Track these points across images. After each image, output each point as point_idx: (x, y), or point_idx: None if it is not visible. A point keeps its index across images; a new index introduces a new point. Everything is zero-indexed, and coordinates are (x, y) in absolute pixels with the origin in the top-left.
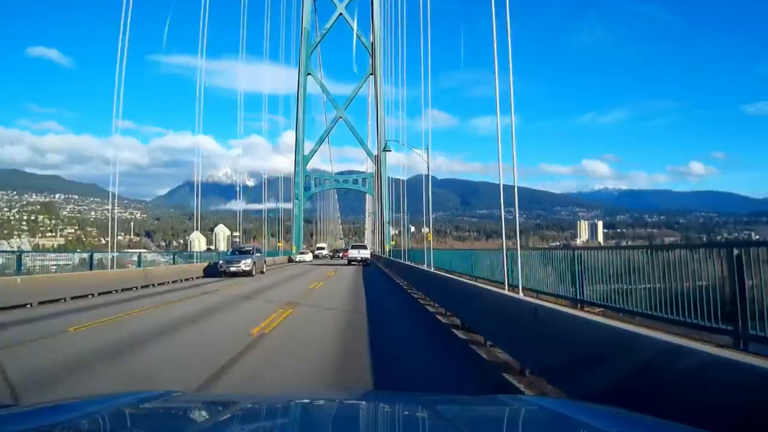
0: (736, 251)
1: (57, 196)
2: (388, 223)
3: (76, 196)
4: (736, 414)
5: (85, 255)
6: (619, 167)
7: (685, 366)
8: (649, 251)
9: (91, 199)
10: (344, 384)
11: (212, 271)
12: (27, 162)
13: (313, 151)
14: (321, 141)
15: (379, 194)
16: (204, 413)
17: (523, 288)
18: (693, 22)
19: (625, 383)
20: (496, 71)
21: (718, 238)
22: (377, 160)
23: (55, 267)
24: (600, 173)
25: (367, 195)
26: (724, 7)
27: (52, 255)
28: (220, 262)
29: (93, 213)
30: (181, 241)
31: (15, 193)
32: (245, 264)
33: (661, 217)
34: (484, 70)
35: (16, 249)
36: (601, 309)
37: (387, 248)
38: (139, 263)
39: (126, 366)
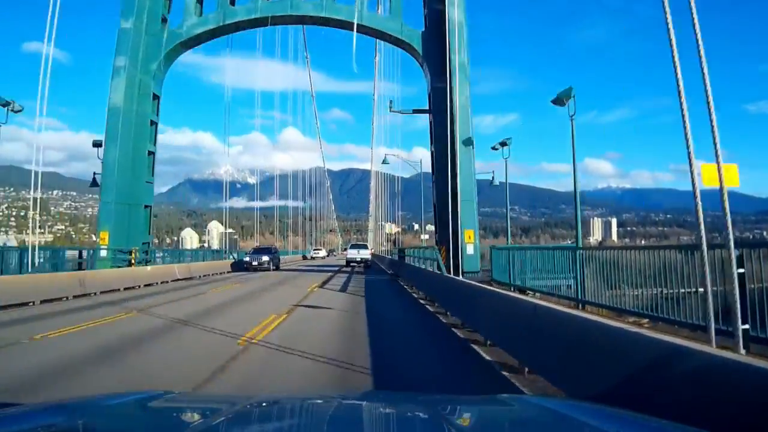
0: None
1: (54, 192)
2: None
3: (74, 193)
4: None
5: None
6: (622, 166)
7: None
8: None
9: (89, 195)
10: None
11: None
12: (26, 160)
13: None
14: None
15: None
16: (204, 413)
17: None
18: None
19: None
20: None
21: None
22: None
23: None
24: (603, 171)
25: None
26: (726, 6)
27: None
28: None
29: (90, 210)
30: (175, 238)
31: (12, 189)
32: None
33: (668, 216)
34: (483, 67)
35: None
36: None
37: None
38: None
39: None
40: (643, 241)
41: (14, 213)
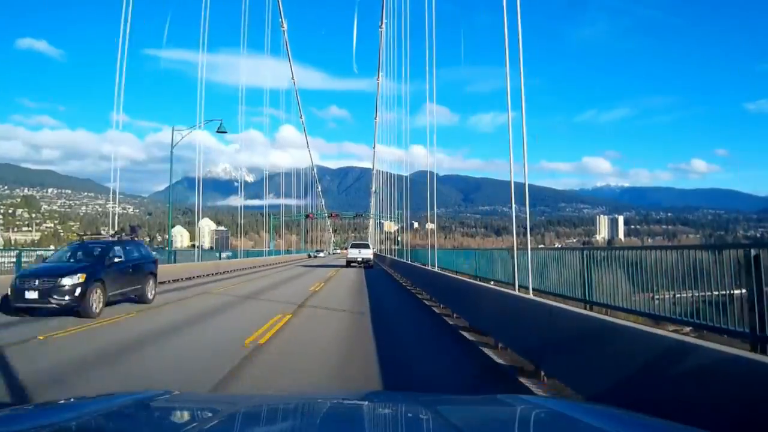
0: None
1: (50, 190)
2: None
3: (69, 191)
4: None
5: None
6: (620, 164)
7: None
8: None
9: (85, 194)
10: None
11: None
12: (22, 158)
13: None
14: None
15: None
16: (204, 413)
17: None
18: (695, 19)
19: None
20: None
21: (738, 235)
22: None
23: None
24: (601, 170)
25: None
26: (727, 5)
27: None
28: None
29: (84, 207)
30: (167, 237)
31: (6, 187)
32: None
33: (668, 215)
34: (484, 66)
35: None
36: None
37: None
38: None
39: None
40: (650, 240)
41: (2, 210)
